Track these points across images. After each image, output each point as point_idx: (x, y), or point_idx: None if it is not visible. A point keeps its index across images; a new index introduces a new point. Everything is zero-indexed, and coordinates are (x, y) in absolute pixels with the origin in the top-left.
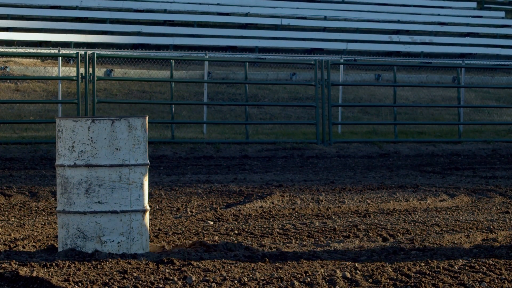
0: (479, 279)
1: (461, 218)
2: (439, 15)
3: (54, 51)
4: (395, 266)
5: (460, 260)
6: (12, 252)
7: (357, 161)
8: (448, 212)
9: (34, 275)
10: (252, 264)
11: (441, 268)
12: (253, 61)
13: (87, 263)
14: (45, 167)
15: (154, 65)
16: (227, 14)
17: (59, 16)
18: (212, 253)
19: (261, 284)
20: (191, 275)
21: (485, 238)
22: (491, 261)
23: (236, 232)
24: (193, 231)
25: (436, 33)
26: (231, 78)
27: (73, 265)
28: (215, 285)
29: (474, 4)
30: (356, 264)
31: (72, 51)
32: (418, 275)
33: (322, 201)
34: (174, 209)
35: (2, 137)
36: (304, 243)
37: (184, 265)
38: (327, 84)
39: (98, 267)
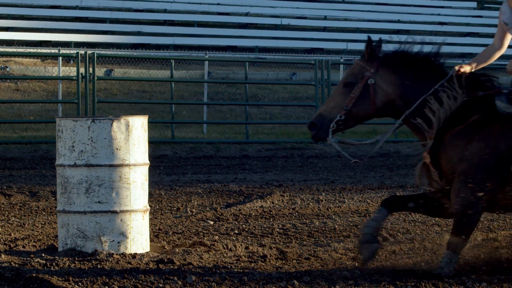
0: (479, 279)
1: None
2: (439, 15)
3: (54, 51)
4: (395, 265)
5: (460, 260)
6: (12, 252)
7: None
8: None
9: (34, 275)
10: (252, 264)
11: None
12: (253, 61)
13: (87, 263)
14: (45, 167)
15: (154, 65)
16: (227, 14)
17: (59, 16)
18: (212, 253)
19: (261, 284)
20: (191, 275)
21: (485, 238)
22: (491, 261)
23: (236, 231)
24: (193, 230)
25: (436, 33)
26: (231, 78)
27: (73, 264)
28: (215, 285)
29: (474, 4)
30: (356, 264)
31: (72, 51)
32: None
33: (322, 200)
34: (174, 209)
35: (2, 137)
36: (304, 242)
37: (184, 265)
38: (327, 84)
39: (98, 267)
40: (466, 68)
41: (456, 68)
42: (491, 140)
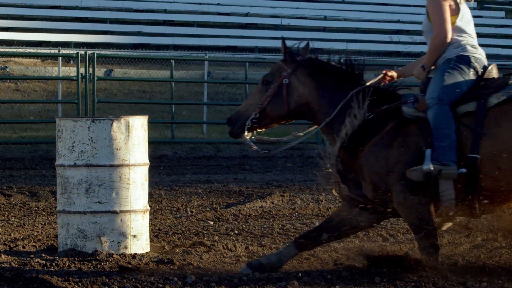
0: (479, 279)
1: (461, 218)
2: None
3: (54, 51)
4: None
5: (460, 260)
6: (12, 252)
7: None
8: None
9: (34, 275)
10: None
11: (442, 267)
12: (253, 61)
13: (87, 263)
14: (45, 167)
15: (154, 65)
16: (227, 14)
17: (59, 16)
18: (212, 253)
19: (261, 284)
20: (191, 275)
21: (485, 238)
22: (491, 261)
23: (236, 232)
24: (193, 231)
25: None
26: (231, 78)
27: (73, 265)
28: (215, 285)
29: (474, 4)
30: (356, 264)
31: (72, 51)
32: (419, 273)
33: (322, 201)
34: (174, 209)
35: (2, 137)
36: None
37: (184, 265)
38: None
39: (98, 267)
40: (394, 74)
41: (384, 72)
42: (410, 143)
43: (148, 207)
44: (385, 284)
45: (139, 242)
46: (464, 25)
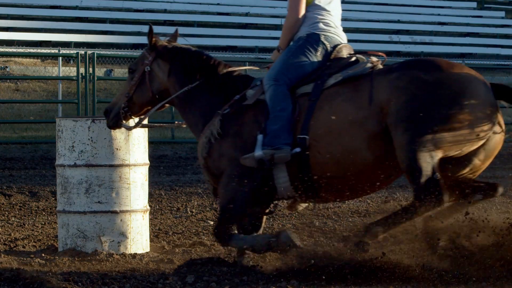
0: (479, 279)
1: (460, 218)
2: (439, 15)
3: (54, 51)
4: (395, 265)
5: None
6: (12, 252)
7: None
8: None
9: (34, 275)
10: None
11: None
12: (253, 61)
13: (87, 263)
14: (45, 167)
15: None
16: (227, 14)
17: (59, 16)
18: (212, 253)
19: (261, 284)
20: (191, 274)
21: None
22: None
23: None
24: (193, 231)
25: (436, 33)
26: None
27: (73, 265)
28: (215, 285)
29: (474, 4)
30: (356, 264)
31: (72, 51)
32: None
33: None
34: (174, 209)
35: (2, 137)
36: (304, 243)
37: (184, 265)
38: None
39: (98, 267)
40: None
41: (268, 66)
42: (247, 128)
43: (148, 207)
44: (385, 284)
45: (139, 242)
46: (324, 3)
